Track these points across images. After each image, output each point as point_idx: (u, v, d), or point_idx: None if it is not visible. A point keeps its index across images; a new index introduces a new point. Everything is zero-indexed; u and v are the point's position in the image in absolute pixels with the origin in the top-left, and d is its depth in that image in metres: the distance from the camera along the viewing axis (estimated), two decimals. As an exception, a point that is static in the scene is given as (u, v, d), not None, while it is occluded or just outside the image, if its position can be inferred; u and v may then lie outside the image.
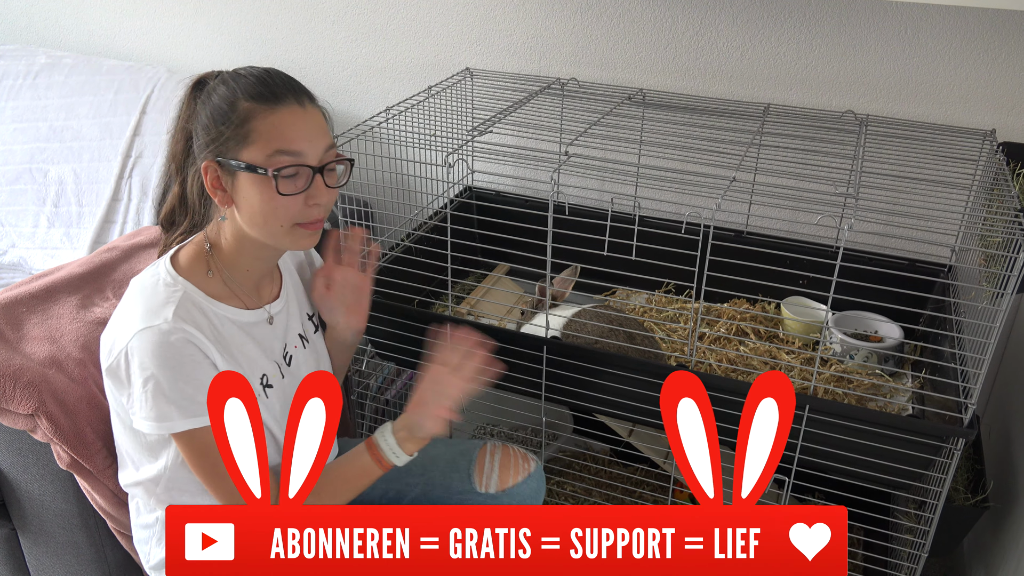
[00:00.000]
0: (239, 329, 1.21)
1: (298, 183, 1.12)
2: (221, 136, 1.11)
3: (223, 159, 1.11)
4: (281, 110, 1.11)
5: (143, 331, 1.10)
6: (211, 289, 1.19)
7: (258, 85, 1.12)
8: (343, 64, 2.27)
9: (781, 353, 1.64)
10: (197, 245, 1.21)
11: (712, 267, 1.34)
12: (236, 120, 1.10)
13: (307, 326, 1.36)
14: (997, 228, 1.30)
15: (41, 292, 1.54)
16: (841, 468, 1.37)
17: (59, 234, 2.21)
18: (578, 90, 1.89)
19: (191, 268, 1.19)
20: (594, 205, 1.80)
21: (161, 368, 1.10)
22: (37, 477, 1.48)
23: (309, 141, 1.12)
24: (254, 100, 1.10)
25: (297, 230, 1.16)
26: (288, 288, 1.33)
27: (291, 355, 1.30)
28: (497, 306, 1.85)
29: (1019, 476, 1.54)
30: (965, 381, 1.30)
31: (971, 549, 1.80)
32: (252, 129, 1.10)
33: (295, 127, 1.11)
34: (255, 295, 1.25)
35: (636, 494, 1.97)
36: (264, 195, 1.11)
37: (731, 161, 1.45)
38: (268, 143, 1.10)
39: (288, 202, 1.12)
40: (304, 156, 1.12)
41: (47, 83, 2.31)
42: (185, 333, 1.11)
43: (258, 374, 1.23)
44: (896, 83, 1.79)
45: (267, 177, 1.10)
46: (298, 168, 1.11)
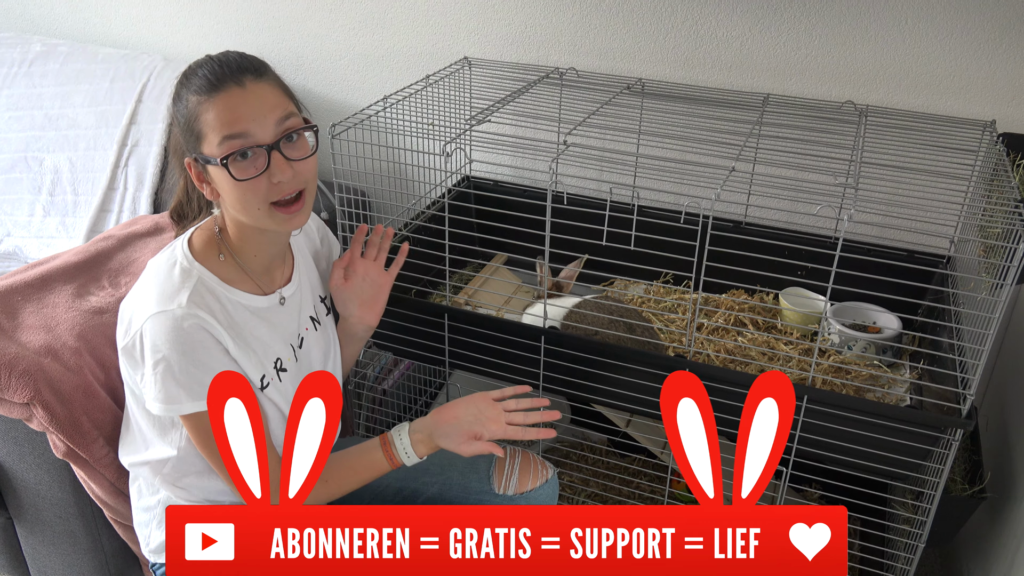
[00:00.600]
0: (252, 314, 1.21)
1: (257, 164, 1.11)
2: (186, 135, 1.13)
3: (194, 156, 1.13)
4: (218, 97, 1.09)
5: (157, 315, 1.11)
6: (225, 274, 1.19)
7: (203, 77, 1.11)
8: (340, 53, 2.26)
9: (779, 344, 1.64)
10: (209, 229, 1.22)
11: (710, 257, 1.33)
12: (189, 117, 1.11)
13: (319, 308, 1.37)
14: (997, 219, 1.30)
15: (37, 281, 1.53)
16: (839, 459, 1.37)
17: (55, 223, 2.20)
18: (576, 80, 1.88)
19: (205, 252, 1.19)
20: (593, 195, 1.79)
21: (172, 352, 1.11)
22: (33, 466, 1.48)
23: (253, 119, 1.09)
24: (198, 94, 1.10)
25: (275, 211, 1.15)
26: (300, 270, 1.34)
27: (303, 338, 1.31)
28: (495, 296, 1.85)
29: (1016, 466, 1.54)
30: (963, 372, 1.30)
31: (968, 539, 1.80)
32: (202, 123, 1.10)
33: (235, 110, 1.09)
34: (267, 278, 1.26)
35: (634, 484, 1.97)
36: (229, 183, 1.11)
37: (730, 151, 1.44)
38: (216, 132, 1.09)
39: (252, 185, 1.11)
40: (251, 135, 1.10)
41: (42, 71, 2.30)
42: (198, 319, 1.12)
43: (271, 359, 1.23)
44: (896, 73, 1.79)
45: (219, 167, 1.10)
46: (249, 148, 1.10)
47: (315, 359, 1.34)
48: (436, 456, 1.40)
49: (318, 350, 1.34)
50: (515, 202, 1.80)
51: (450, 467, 1.41)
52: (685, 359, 1.41)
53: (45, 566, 1.63)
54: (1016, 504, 1.50)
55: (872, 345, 1.58)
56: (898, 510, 1.53)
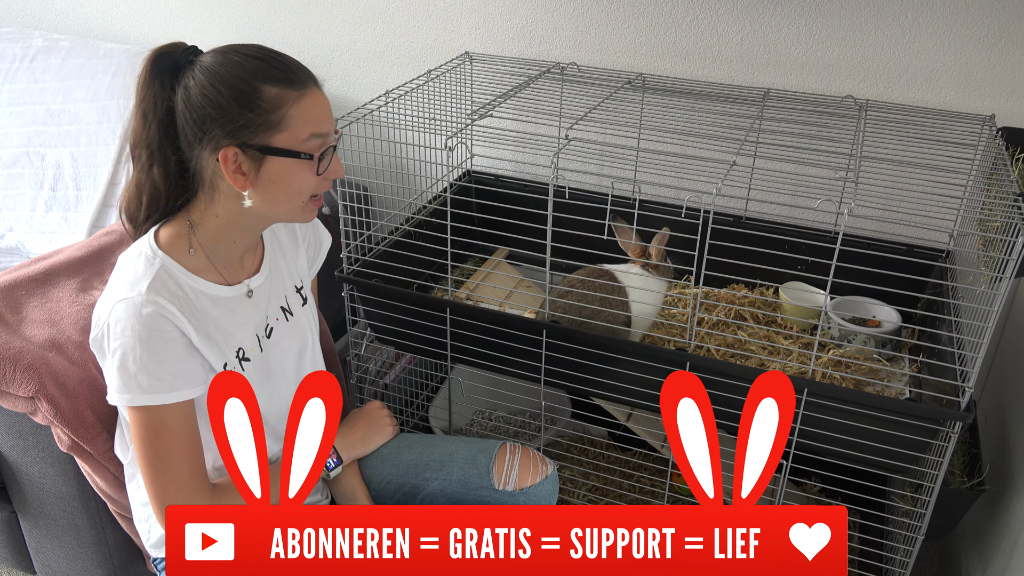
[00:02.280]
0: (214, 304, 1.21)
1: (327, 162, 1.19)
2: (249, 123, 1.11)
3: (247, 145, 1.12)
4: (308, 95, 1.15)
5: (119, 302, 1.12)
6: (191, 264, 1.20)
7: (277, 69, 1.13)
8: (342, 48, 2.26)
9: (779, 338, 1.65)
10: (179, 224, 1.21)
11: (711, 251, 1.34)
12: (266, 107, 1.11)
13: (292, 298, 1.37)
14: (996, 212, 1.31)
15: (40, 275, 1.53)
16: (839, 452, 1.38)
17: (57, 218, 2.21)
18: (578, 74, 1.88)
19: (172, 244, 1.19)
20: (594, 189, 1.80)
21: (130, 339, 1.11)
22: (37, 460, 1.49)
23: (331, 122, 1.20)
24: (281, 85, 1.12)
25: (309, 204, 1.21)
26: (272, 260, 1.33)
27: (271, 327, 1.31)
28: (497, 290, 1.86)
29: (1015, 459, 1.55)
30: (962, 365, 1.30)
31: (966, 532, 1.81)
32: (286, 115, 1.13)
33: (322, 110, 1.17)
34: (238, 267, 1.26)
35: (634, 478, 1.98)
36: (297, 176, 1.16)
37: (731, 146, 1.45)
38: (303, 128, 1.14)
39: (314, 179, 1.18)
40: (330, 137, 1.18)
41: (43, 66, 2.30)
42: (157, 306, 1.12)
43: (233, 348, 1.23)
44: (896, 68, 1.79)
45: (304, 160, 1.15)
46: (329, 147, 1.18)
47: (285, 350, 1.33)
48: (436, 453, 1.43)
49: (290, 340, 1.34)
50: (517, 196, 1.80)
51: (450, 463, 1.42)
52: (686, 353, 1.42)
53: (49, 560, 1.64)
54: (1014, 496, 1.51)
55: (871, 339, 1.58)
56: (897, 503, 1.54)
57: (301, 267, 1.41)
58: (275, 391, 1.30)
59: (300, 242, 1.41)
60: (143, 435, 1.15)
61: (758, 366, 1.51)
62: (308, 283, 1.43)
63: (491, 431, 2.16)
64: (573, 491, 1.96)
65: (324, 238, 1.49)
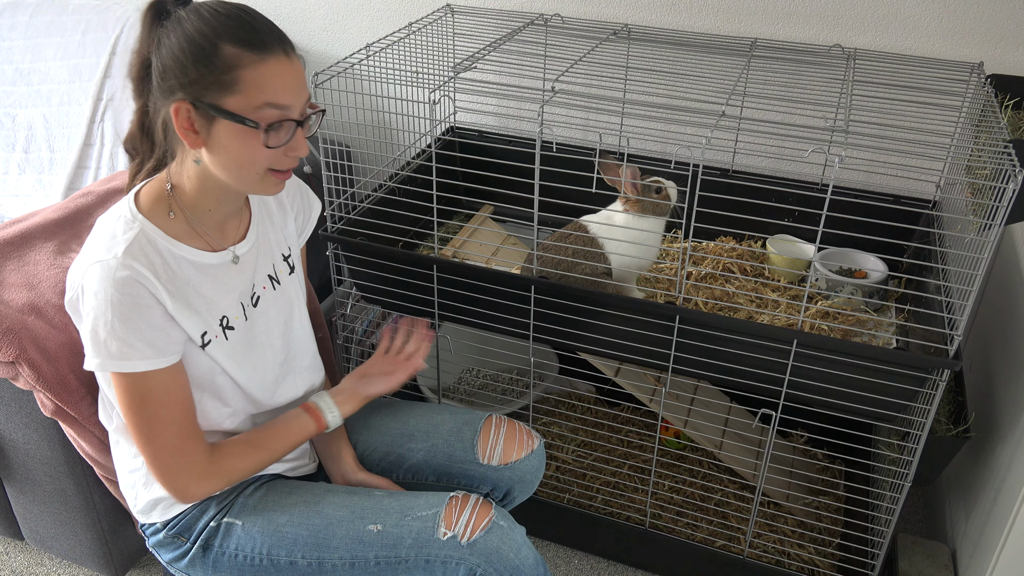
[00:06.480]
0: (197, 271, 1.18)
1: (282, 136, 1.11)
2: (202, 79, 1.06)
3: (200, 102, 1.08)
4: (269, 60, 1.07)
5: (93, 264, 1.09)
6: (172, 229, 1.16)
7: (242, 29, 1.07)
8: (319, 2, 2.21)
9: (767, 290, 1.65)
10: (159, 184, 1.18)
11: (699, 204, 1.33)
12: (220, 65, 1.06)
13: (280, 267, 1.34)
14: (985, 159, 1.30)
15: (16, 238, 1.50)
16: (828, 402, 1.39)
17: (31, 181, 2.16)
18: (562, 26, 1.85)
19: (152, 208, 1.16)
20: (581, 143, 1.78)
21: (103, 303, 1.09)
22: (21, 425, 1.47)
23: (296, 95, 1.10)
24: (240, 46, 1.06)
25: (268, 177, 1.14)
26: (259, 227, 1.31)
27: (258, 296, 1.28)
28: (482, 247, 1.84)
29: (999, 406, 1.57)
30: (951, 313, 1.31)
31: (951, 479, 1.84)
32: (239, 78, 1.06)
33: (284, 80, 1.09)
34: (219, 235, 1.23)
35: (623, 432, 1.99)
36: (246, 144, 1.09)
37: (718, 97, 1.43)
38: (256, 94, 1.07)
39: (266, 152, 1.10)
40: (290, 110, 1.10)
41: (10, 23, 2.23)
42: (132, 271, 1.09)
43: (217, 316, 1.21)
44: (884, 16, 1.77)
45: (251, 128, 1.08)
46: (285, 120, 1.10)
47: (273, 319, 1.31)
48: (422, 423, 1.42)
49: (277, 310, 1.32)
50: (502, 151, 1.78)
51: (435, 433, 1.41)
52: (675, 306, 1.42)
53: (37, 525, 1.63)
54: (998, 443, 1.53)
55: (858, 290, 1.59)
56: (883, 451, 1.55)
57: (289, 234, 1.37)
58: (259, 361, 1.28)
59: (288, 209, 1.37)
60: (127, 401, 1.13)
61: (747, 318, 1.51)
62: (297, 251, 1.39)
63: (479, 389, 2.16)
64: (562, 447, 1.97)
65: (314, 205, 1.44)
